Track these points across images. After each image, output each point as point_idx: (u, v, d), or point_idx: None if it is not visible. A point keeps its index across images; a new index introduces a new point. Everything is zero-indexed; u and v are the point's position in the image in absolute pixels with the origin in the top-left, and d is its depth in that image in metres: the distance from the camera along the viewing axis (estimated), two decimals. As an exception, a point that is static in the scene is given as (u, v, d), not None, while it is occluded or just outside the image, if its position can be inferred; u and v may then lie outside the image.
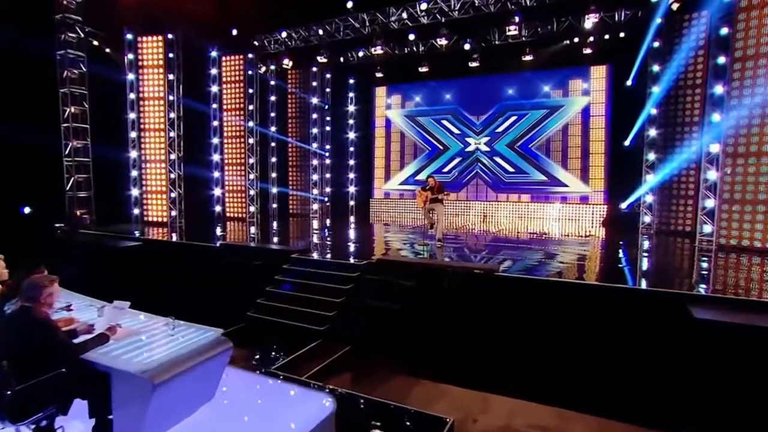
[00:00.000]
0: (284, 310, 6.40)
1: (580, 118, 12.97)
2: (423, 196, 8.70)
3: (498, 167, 14.03)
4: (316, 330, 5.94)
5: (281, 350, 5.57)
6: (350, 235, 10.21)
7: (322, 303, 6.36)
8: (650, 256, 7.68)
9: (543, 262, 6.78)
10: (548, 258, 7.15)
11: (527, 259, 6.96)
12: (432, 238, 8.77)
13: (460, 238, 9.62)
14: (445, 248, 8.05)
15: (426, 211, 8.69)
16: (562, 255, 7.52)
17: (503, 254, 7.50)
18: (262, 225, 12.08)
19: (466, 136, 14.39)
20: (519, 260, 6.90)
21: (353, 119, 15.95)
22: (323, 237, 9.58)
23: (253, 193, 13.33)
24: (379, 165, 15.98)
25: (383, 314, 5.96)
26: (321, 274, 6.93)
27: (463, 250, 7.89)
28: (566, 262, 6.99)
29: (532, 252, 7.69)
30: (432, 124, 14.90)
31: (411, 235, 9.13)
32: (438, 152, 14.87)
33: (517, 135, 13.74)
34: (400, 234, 10.16)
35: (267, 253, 7.92)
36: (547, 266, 6.55)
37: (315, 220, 13.48)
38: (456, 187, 14.41)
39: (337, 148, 15.67)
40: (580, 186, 12.98)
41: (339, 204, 15.72)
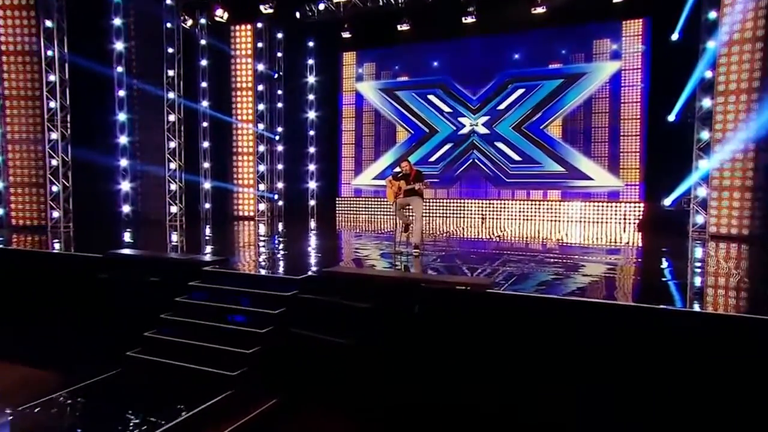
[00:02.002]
0: (183, 348, 5.84)
1: (608, 89, 12.90)
2: (394, 187, 8.08)
3: (500, 155, 14.06)
4: (225, 376, 5.37)
5: (171, 409, 4.98)
6: (306, 243, 9.86)
7: (238, 336, 5.83)
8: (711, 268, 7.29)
9: (559, 277, 6.48)
10: (566, 271, 6.80)
11: (537, 273, 6.61)
12: (408, 244, 8.36)
13: (448, 246, 9.40)
14: (425, 258, 7.67)
15: (398, 207, 8.10)
16: (585, 268, 7.20)
17: (505, 267, 7.08)
18: (188, 231, 11.86)
19: (460, 116, 14.45)
20: (526, 274, 6.56)
21: (313, 94, 15.83)
22: (272, 247, 9.34)
23: (175, 189, 12.93)
24: (347, 154, 16.04)
25: (327, 351, 5.58)
26: (241, 294, 6.39)
27: (452, 261, 7.52)
28: (590, 276, 6.62)
29: (545, 264, 7.36)
30: (415, 101, 14.94)
31: (387, 242, 8.82)
32: (423, 137, 14.95)
33: (525, 113, 13.74)
34: (372, 242, 9.87)
35: (168, 265, 7.37)
36: (563, 282, 6.23)
37: (262, 225, 13.26)
38: (447, 182, 14.60)
39: (293, 131, 15.49)
40: (607, 178, 12.97)
41: (295, 204, 15.69)
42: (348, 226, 13.51)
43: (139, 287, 7.01)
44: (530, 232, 11.66)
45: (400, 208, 8.22)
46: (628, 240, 10.52)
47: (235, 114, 14.45)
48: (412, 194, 7.96)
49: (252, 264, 7.72)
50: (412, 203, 8.06)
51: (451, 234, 11.46)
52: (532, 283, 6.03)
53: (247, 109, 14.36)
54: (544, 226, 12.75)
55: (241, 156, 14.60)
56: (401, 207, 8.20)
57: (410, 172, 7.98)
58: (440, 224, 13.33)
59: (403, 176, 7.99)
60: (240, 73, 14.36)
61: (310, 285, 6.26)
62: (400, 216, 8.34)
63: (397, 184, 8.01)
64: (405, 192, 7.93)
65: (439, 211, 14.63)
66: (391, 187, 8.14)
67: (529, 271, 6.72)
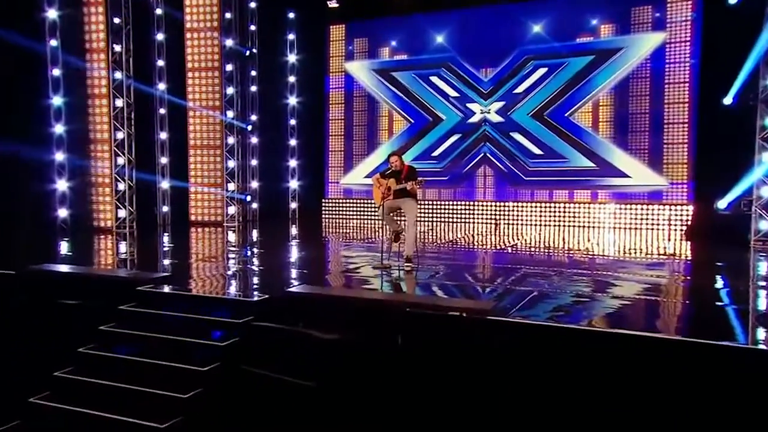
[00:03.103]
0: (103, 392, 5.64)
1: (648, 67, 12.81)
2: (382, 187, 7.96)
3: (517, 148, 14.12)
4: (152, 429, 5.15)
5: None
6: (281, 255, 10.04)
7: (174, 376, 5.62)
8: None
9: (583, 299, 6.34)
10: (593, 291, 6.74)
11: (556, 293, 6.53)
12: (398, 256, 8.36)
13: (450, 258, 9.48)
14: (419, 273, 7.70)
15: (387, 211, 7.99)
16: (618, 287, 7.11)
17: (518, 285, 7.06)
18: (138, 240, 11.89)
19: (469, 101, 14.50)
20: (542, 295, 6.45)
21: (295, 75, 15.82)
22: (239, 260, 9.46)
23: (124, 189, 12.84)
24: (335, 147, 16.14)
25: (288, 395, 5.49)
26: (182, 322, 6.27)
27: (454, 278, 7.58)
28: (624, 299, 6.45)
29: (567, 281, 7.33)
30: (416, 84, 14.98)
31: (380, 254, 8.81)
32: (425, 126, 15.01)
33: (548, 97, 13.74)
34: (363, 252, 9.98)
35: (95, 285, 7.24)
36: (589, 305, 6.09)
37: (231, 232, 13.21)
38: (453, 181, 14.72)
39: (269, 119, 15.42)
40: (648, 176, 12.94)
41: (272, 207, 15.67)
42: (336, 233, 13.64)
43: (57, 312, 6.84)
44: (552, 241, 11.76)
45: (388, 212, 8.03)
46: (674, 251, 10.58)
47: (199, 99, 14.30)
48: (404, 195, 7.75)
49: (204, 282, 7.65)
50: (403, 206, 7.87)
51: (457, 243, 11.59)
52: (547, 307, 5.96)
53: (214, 93, 14.22)
54: (569, 233, 12.82)
55: (207, 150, 14.49)
56: (390, 211, 8.02)
57: (401, 168, 7.81)
58: (444, 231, 13.37)
59: (392, 173, 7.83)
60: (204, 50, 14.22)
61: (269, 310, 6.14)
62: (389, 222, 8.18)
63: (386, 183, 7.86)
64: (395, 193, 7.76)
65: (443, 215, 14.73)
66: (379, 186, 8.02)
67: (546, 291, 6.65)
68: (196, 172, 14.50)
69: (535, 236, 12.35)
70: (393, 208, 7.97)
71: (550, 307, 5.94)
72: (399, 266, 7.93)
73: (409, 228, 7.78)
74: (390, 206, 7.90)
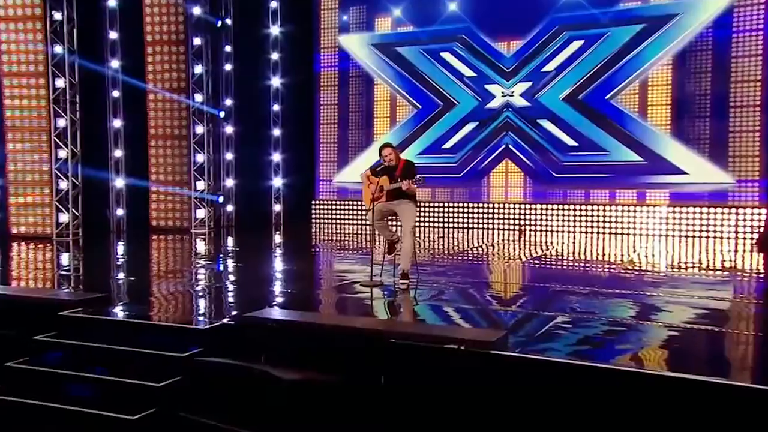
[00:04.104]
0: None
1: (710, 39, 12.73)
2: (373, 186, 7.96)
3: (546, 139, 14.09)
4: None
5: None
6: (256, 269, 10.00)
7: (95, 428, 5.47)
8: None
9: (619, 328, 6.12)
10: (634, 317, 6.57)
11: (588, 319, 6.39)
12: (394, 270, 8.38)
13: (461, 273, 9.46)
14: (417, 292, 7.72)
15: (378, 216, 8.02)
16: (667, 311, 6.93)
17: (541, 308, 6.96)
18: (85, 250, 11.93)
19: (487, 82, 14.49)
20: (569, 321, 6.30)
21: (279, 52, 15.82)
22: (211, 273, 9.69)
23: (67, 188, 12.75)
24: (327, 138, 16.22)
25: None
26: (110, 356, 6.17)
27: (461, 298, 7.51)
28: (673, 328, 6.22)
29: (603, 303, 7.19)
30: (424, 61, 14.96)
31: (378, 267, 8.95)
32: (435, 113, 15.00)
33: (584, 76, 13.70)
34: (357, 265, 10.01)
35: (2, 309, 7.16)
36: (626, 337, 5.86)
37: (200, 240, 13.42)
38: (468, 179, 14.75)
39: (248, 105, 15.49)
40: (710, 172, 12.92)
41: (252, 209, 15.75)
42: (328, 242, 13.85)
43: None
44: (589, 252, 11.82)
45: (380, 217, 8.00)
46: (742, 266, 10.49)
47: (160, 80, 14.32)
48: (399, 196, 7.72)
49: (150, 304, 7.59)
50: (398, 210, 7.81)
51: (471, 254, 11.66)
52: (572, 338, 5.77)
53: (179, 72, 14.22)
54: (610, 242, 12.83)
55: (170, 141, 14.48)
56: (383, 216, 8.02)
57: (396, 163, 7.79)
58: (456, 240, 13.47)
59: (385, 170, 7.83)
60: (167, 20, 14.17)
61: (222, 340, 6.07)
62: (381, 230, 8.12)
63: (378, 181, 7.85)
64: (388, 193, 7.79)
65: (455, 220, 14.77)
66: (368, 185, 8.04)
67: (575, 316, 6.53)
68: (158, 168, 14.43)
69: (567, 246, 12.39)
70: (386, 213, 7.98)
71: (575, 338, 5.75)
72: (394, 284, 7.90)
73: (406, 237, 7.70)
74: (382, 210, 7.90)
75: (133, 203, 14.26)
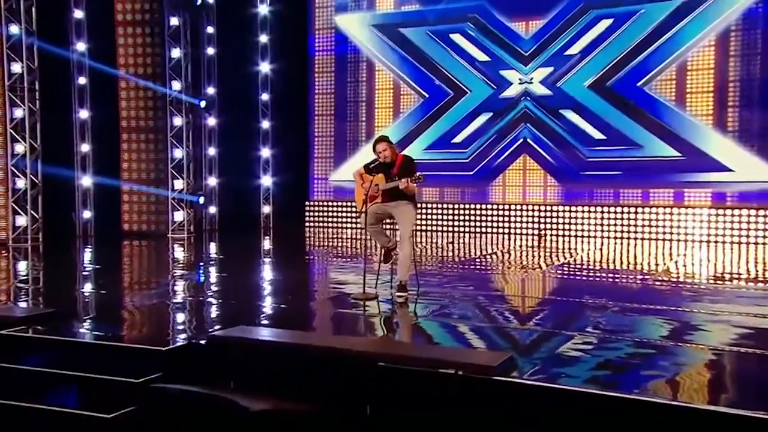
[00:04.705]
0: None
1: (760, 14, 12.71)
2: (367, 185, 8.00)
3: (570, 132, 14.15)
4: None
5: None
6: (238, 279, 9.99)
7: None
8: None
9: (648, 351, 6.00)
10: (668, 337, 6.52)
11: (613, 338, 6.29)
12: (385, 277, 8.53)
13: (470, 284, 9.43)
14: (416, 306, 7.73)
15: (373, 220, 8.04)
16: (706, 330, 6.85)
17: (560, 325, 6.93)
18: (45, 257, 12.00)
19: (503, 67, 14.57)
20: (590, 341, 6.24)
21: (268, 34, 15.87)
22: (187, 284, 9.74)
23: (25, 187, 12.81)
24: (322, 131, 16.32)
25: None
26: (53, 382, 6.04)
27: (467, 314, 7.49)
28: (712, 350, 6.07)
29: (632, 319, 7.16)
30: (432, 44, 15.02)
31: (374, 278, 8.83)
32: (444, 102, 15.05)
33: (613, 60, 13.73)
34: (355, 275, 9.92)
35: None
36: (657, 360, 5.73)
37: (178, 246, 13.46)
38: (481, 177, 14.83)
39: (233, 93, 15.55)
40: (758, 168, 12.87)
41: (238, 212, 15.85)
42: (322, 247, 13.99)
43: None
44: (618, 260, 11.89)
45: (375, 221, 8.03)
46: None
47: (133, 65, 14.35)
48: (397, 197, 7.77)
49: (107, 321, 7.45)
50: (395, 213, 7.87)
51: (482, 262, 11.76)
52: (591, 362, 5.67)
53: (154, 57, 14.30)
54: (642, 249, 12.84)
55: (145, 135, 14.53)
56: (378, 219, 8.06)
57: (392, 159, 7.82)
58: (467, 246, 13.56)
59: (380, 167, 7.87)
60: None
61: (184, 363, 5.96)
62: (375, 235, 8.12)
63: (372, 180, 7.92)
64: (384, 194, 7.81)
65: (466, 224, 14.85)
66: (362, 184, 8.11)
67: (597, 335, 6.43)
68: (131, 165, 14.50)
69: (593, 254, 12.46)
70: (381, 215, 8.01)
71: (596, 361, 5.62)
72: (393, 295, 7.87)
73: (404, 243, 7.72)
74: (377, 212, 7.91)
75: (103, 205, 14.25)
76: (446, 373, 5.08)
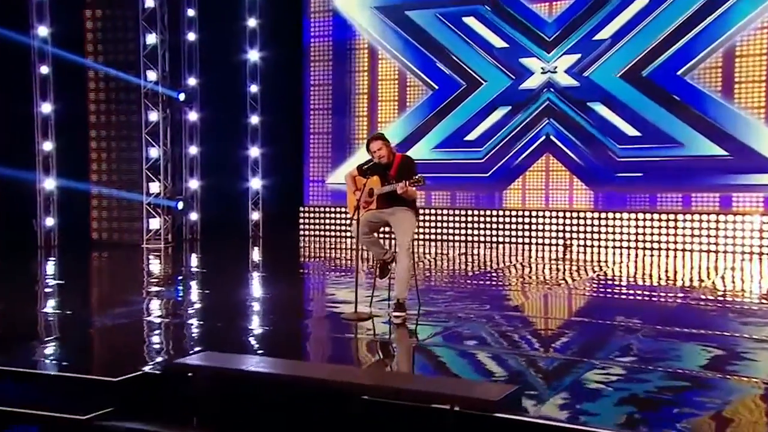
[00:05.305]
0: None
1: None
2: (359, 191, 8.07)
3: (600, 128, 14.23)
4: None
5: None
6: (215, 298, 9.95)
7: None
8: None
9: (688, 381, 5.92)
10: (710, 366, 6.38)
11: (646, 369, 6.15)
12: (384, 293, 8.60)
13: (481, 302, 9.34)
14: (417, 327, 7.78)
15: (366, 228, 8.04)
16: (755, 359, 6.69)
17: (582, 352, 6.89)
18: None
19: (523, 55, 14.69)
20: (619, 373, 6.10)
21: (257, 18, 16.06)
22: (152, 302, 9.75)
23: None
24: (318, 128, 16.51)
25: None
26: None
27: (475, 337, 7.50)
28: (763, 384, 5.92)
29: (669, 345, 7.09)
30: (442, 28, 15.15)
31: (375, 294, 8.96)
32: (456, 95, 15.15)
33: (649, 46, 13.75)
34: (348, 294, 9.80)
35: None
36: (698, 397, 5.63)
37: (154, 258, 13.56)
38: (498, 178, 14.96)
39: (217, 85, 15.66)
40: None
41: (222, 219, 15.91)
42: (318, 258, 14.24)
43: None
44: (654, 275, 11.84)
45: (369, 230, 8.04)
46: None
47: (102, 52, 14.47)
48: (394, 203, 7.79)
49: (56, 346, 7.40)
50: (392, 221, 7.90)
51: (498, 277, 11.78)
52: (614, 397, 5.52)
53: (126, 43, 14.42)
54: (683, 261, 12.91)
55: (116, 132, 14.64)
56: (372, 228, 8.08)
57: (389, 159, 7.84)
58: (480, 258, 13.64)
59: (374, 168, 7.89)
60: None
61: (139, 396, 5.90)
62: (369, 245, 8.18)
63: (365, 183, 7.97)
64: (379, 199, 7.87)
65: (480, 232, 14.94)
66: (355, 189, 8.20)
67: (628, 365, 6.27)
68: (100, 166, 14.62)
69: (625, 267, 12.44)
70: (376, 224, 8.04)
71: (621, 396, 5.46)
72: (390, 314, 7.85)
73: (401, 255, 7.72)
74: (371, 220, 7.95)
75: (68, 211, 14.28)
76: (440, 408, 4.97)
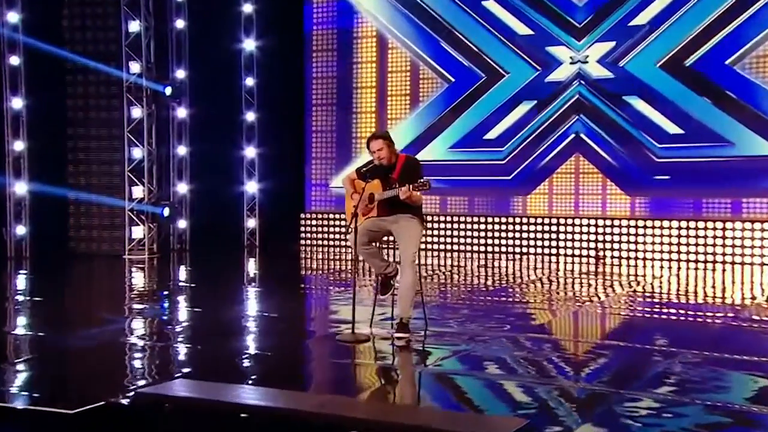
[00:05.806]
0: None
1: None
2: (357, 196, 8.02)
3: (637, 125, 14.34)
4: None
5: None
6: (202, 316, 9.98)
7: None
8: None
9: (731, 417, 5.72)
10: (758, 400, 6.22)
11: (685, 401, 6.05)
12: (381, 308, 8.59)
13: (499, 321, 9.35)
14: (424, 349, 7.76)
15: (365, 238, 8.02)
16: None
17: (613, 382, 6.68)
18: None
19: (550, 43, 14.88)
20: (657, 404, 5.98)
21: (253, 3, 16.37)
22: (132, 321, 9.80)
23: None
24: (321, 125, 16.73)
25: None
26: None
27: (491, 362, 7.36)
28: None
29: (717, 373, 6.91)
30: (460, 14, 15.35)
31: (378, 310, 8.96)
32: (474, 88, 15.35)
33: (691, 34, 13.85)
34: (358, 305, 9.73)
35: None
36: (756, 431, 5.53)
37: (137, 269, 13.74)
38: (522, 181, 15.20)
39: (209, 78, 15.79)
40: None
41: (214, 227, 16.07)
42: (322, 270, 14.42)
43: None
44: (700, 291, 11.97)
45: (368, 240, 8.00)
46: None
47: (81, 42, 14.58)
48: (396, 209, 7.77)
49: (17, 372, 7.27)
50: (395, 230, 7.89)
51: (520, 293, 11.81)
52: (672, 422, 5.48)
53: (106, 32, 14.61)
54: (732, 276, 12.92)
55: (95, 130, 14.77)
56: (372, 238, 8.05)
57: (391, 160, 7.82)
58: (501, 271, 13.84)
59: (374, 171, 7.85)
60: None
61: (100, 431, 5.81)
62: (368, 257, 8.14)
63: (365, 187, 7.95)
64: (380, 205, 7.86)
65: (501, 241, 15.10)
66: (353, 194, 8.18)
67: (666, 397, 6.12)
68: (78, 168, 14.77)
69: (666, 281, 12.49)
70: (377, 233, 8.01)
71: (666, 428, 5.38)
72: (390, 335, 7.86)
73: (405, 269, 7.68)
74: (371, 229, 7.91)
75: (42, 218, 14.35)
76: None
